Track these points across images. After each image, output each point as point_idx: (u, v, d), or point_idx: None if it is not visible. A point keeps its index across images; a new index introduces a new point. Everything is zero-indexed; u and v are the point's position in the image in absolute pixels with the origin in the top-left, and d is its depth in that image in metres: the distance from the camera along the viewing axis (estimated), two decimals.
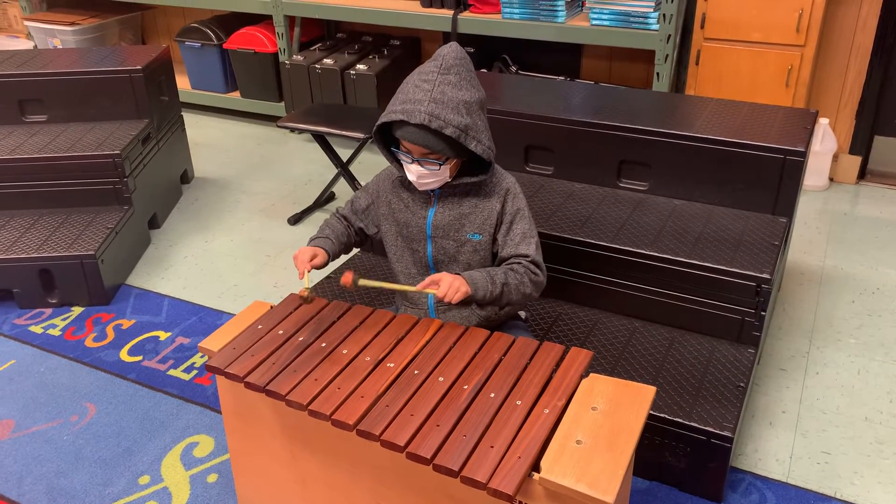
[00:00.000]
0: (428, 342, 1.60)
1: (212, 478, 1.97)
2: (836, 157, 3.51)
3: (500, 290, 1.69)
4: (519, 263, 1.74)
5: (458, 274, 1.67)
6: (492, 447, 1.31)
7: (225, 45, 4.33)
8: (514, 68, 3.83)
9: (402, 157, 1.71)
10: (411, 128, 1.61)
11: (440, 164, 1.66)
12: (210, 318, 2.65)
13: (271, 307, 1.75)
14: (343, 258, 2.11)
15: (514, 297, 1.72)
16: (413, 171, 1.70)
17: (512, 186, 1.79)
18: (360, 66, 3.96)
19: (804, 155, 2.18)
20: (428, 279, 1.66)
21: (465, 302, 1.76)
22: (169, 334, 2.57)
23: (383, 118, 1.66)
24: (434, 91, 1.60)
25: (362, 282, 1.66)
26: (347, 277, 1.65)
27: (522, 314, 2.01)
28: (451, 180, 1.73)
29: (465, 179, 1.73)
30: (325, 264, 1.78)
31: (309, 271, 1.71)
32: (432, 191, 1.77)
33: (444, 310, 1.82)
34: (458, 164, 1.73)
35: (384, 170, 1.90)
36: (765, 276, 1.97)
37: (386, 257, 1.95)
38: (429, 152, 1.64)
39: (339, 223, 1.90)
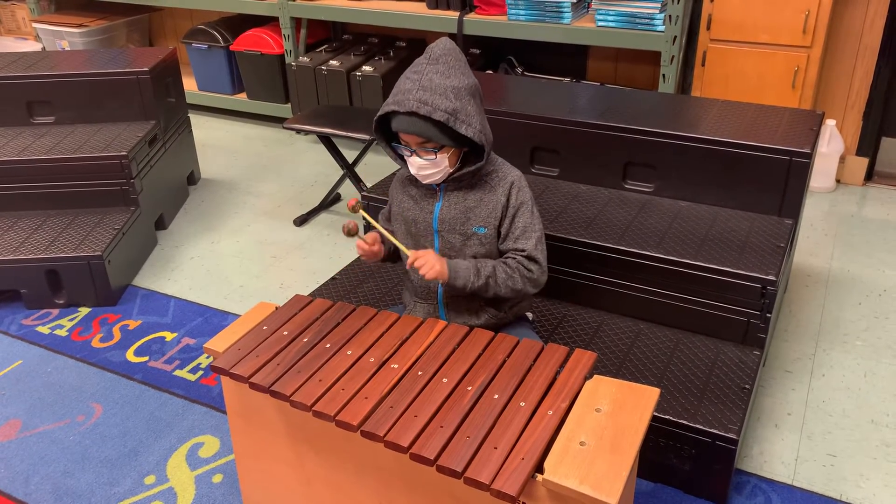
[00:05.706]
0: (432, 343, 1.61)
1: (217, 478, 1.98)
2: (842, 159, 3.50)
3: (485, 283, 1.72)
4: (513, 258, 1.76)
5: (449, 260, 1.73)
6: (495, 448, 1.31)
7: (231, 47, 4.34)
8: (519, 70, 3.83)
9: (403, 151, 1.73)
10: (402, 116, 1.65)
11: (436, 152, 1.68)
12: (216, 319, 2.66)
13: (276, 308, 1.75)
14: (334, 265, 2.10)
15: (501, 290, 1.75)
16: (414, 164, 1.72)
17: (517, 180, 1.79)
18: (366, 68, 3.97)
19: (810, 156, 2.18)
20: (420, 251, 1.70)
21: (459, 292, 1.79)
22: (175, 335, 2.58)
23: (378, 113, 1.71)
24: (422, 80, 1.63)
25: (363, 213, 1.76)
26: (353, 201, 1.73)
27: (530, 315, 2.01)
28: (454, 172, 1.75)
29: (465, 169, 1.74)
30: (380, 255, 1.84)
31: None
32: (438, 185, 1.78)
33: (452, 304, 1.83)
34: (458, 155, 1.74)
35: (397, 170, 1.92)
36: (770, 277, 1.97)
37: (391, 261, 1.96)
38: (424, 141, 1.67)
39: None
